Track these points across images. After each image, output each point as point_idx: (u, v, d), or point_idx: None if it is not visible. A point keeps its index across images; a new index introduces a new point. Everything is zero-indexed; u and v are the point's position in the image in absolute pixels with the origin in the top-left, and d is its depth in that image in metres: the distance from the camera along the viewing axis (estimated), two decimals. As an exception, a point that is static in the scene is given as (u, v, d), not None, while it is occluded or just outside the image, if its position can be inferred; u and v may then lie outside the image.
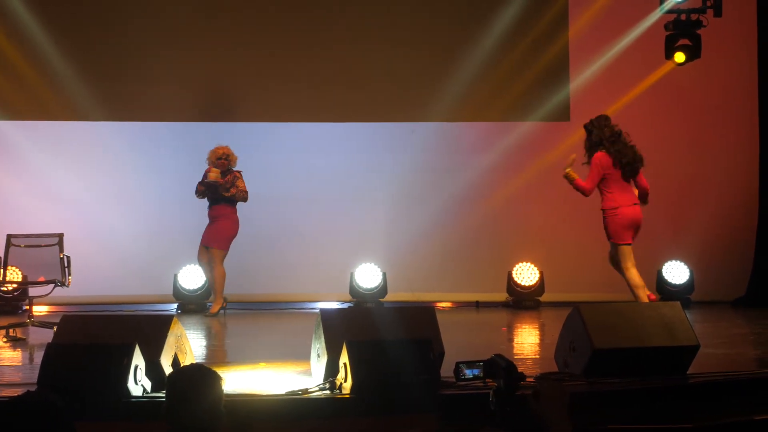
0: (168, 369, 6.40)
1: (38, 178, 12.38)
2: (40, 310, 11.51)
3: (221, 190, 11.29)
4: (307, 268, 12.56)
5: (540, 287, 12.58)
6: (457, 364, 5.21)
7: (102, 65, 12.47)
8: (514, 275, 12.61)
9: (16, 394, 5.96)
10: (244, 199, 11.39)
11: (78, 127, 12.50)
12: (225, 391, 4.23)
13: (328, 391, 6.26)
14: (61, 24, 12.42)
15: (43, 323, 9.64)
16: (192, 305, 12.17)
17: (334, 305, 12.09)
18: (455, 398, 6.08)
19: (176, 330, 6.74)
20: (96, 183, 12.48)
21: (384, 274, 12.48)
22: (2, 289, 11.71)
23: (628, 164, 9.51)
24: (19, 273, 10.31)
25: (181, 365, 6.49)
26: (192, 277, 12.25)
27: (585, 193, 9.60)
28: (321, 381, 6.46)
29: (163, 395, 4.22)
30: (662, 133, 12.86)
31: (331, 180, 12.76)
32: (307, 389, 6.31)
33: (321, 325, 6.75)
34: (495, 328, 10.84)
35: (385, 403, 5.98)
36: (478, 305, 12.68)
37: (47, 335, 8.81)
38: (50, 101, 12.38)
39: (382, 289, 12.47)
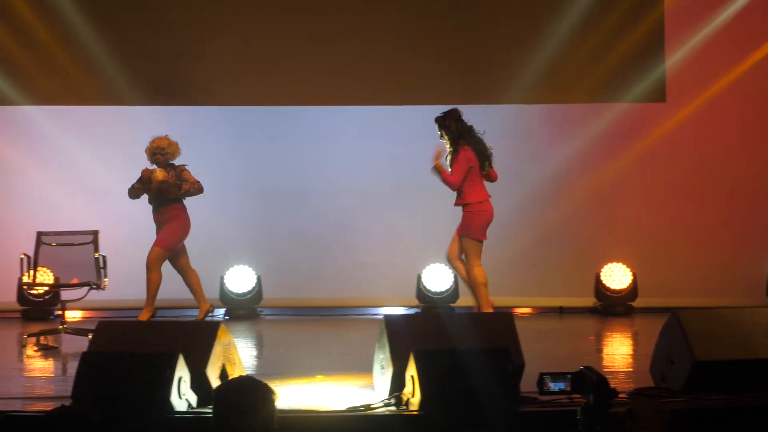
0: (215, 381, 6.45)
1: (70, 169, 12.53)
2: (73, 315, 11.66)
3: (174, 192, 10.75)
4: (369, 269, 12.57)
5: (632, 291, 12.49)
6: (541, 375, 5.19)
7: (139, 45, 12.60)
8: (602, 277, 12.53)
9: (48, 409, 6.06)
10: (200, 191, 10.86)
11: (114, 111, 12.62)
12: (278, 407, 4.24)
13: (393, 407, 6.27)
14: (94, 4, 12.55)
15: (77, 330, 9.75)
16: (241, 310, 12.24)
17: (399, 311, 12.10)
18: (537, 415, 6.07)
19: (224, 338, 6.78)
20: (134, 174, 12.58)
21: (454, 276, 12.45)
22: (32, 292, 11.88)
23: (489, 157, 10.17)
24: (51, 274, 10.44)
25: (230, 377, 6.54)
26: (241, 279, 12.32)
27: (453, 187, 10.04)
28: (386, 396, 6.47)
29: (210, 410, 4.25)
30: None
31: (392, 171, 12.75)
32: (369, 405, 6.32)
33: (385, 333, 6.75)
34: (581, 337, 10.78)
35: (457, 420, 5.97)
36: (561, 311, 12.62)
37: (82, 343, 8.93)
38: (82, 84, 12.52)
39: (453, 293, 12.46)
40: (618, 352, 10.05)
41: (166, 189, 10.71)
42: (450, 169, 10.05)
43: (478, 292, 10.05)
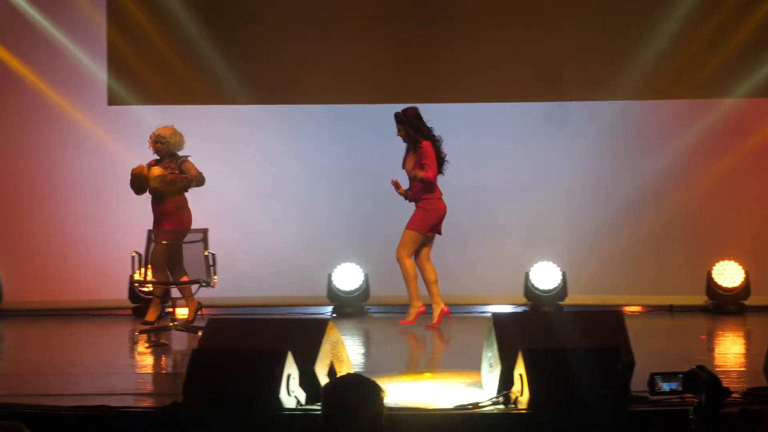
0: (323, 379, 6.48)
1: (180, 168, 12.68)
2: (183, 312, 11.81)
3: (176, 187, 10.51)
4: (476, 267, 12.54)
5: (745, 289, 12.29)
6: (652, 375, 5.13)
7: (248, 45, 12.71)
8: (714, 275, 12.34)
9: (160, 405, 6.14)
10: (201, 183, 10.63)
11: (223, 111, 12.76)
12: (386, 405, 4.24)
13: (501, 406, 6.24)
14: (203, 6, 12.70)
15: (187, 327, 9.87)
16: (349, 308, 12.29)
17: (507, 309, 12.05)
18: (647, 415, 6.00)
19: (332, 335, 6.81)
20: (242, 172, 12.71)
21: (563, 274, 12.37)
22: (143, 290, 12.06)
23: (443, 160, 10.66)
24: (161, 272, 10.57)
25: (338, 375, 6.56)
26: (348, 276, 12.37)
27: (432, 180, 10.52)
28: (494, 394, 6.44)
29: (319, 408, 4.26)
30: None
31: (498, 167, 12.70)
32: (477, 403, 6.30)
33: (493, 331, 6.73)
34: (692, 336, 10.65)
35: (566, 419, 5.93)
36: (672, 309, 12.45)
37: (191, 340, 9.05)
38: (192, 84, 12.68)
39: (561, 291, 12.37)
40: (730, 351, 9.90)
41: (163, 189, 10.46)
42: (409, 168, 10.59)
43: (411, 284, 10.56)
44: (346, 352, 7.06)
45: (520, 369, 6.15)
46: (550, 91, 12.66)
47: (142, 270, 10.15)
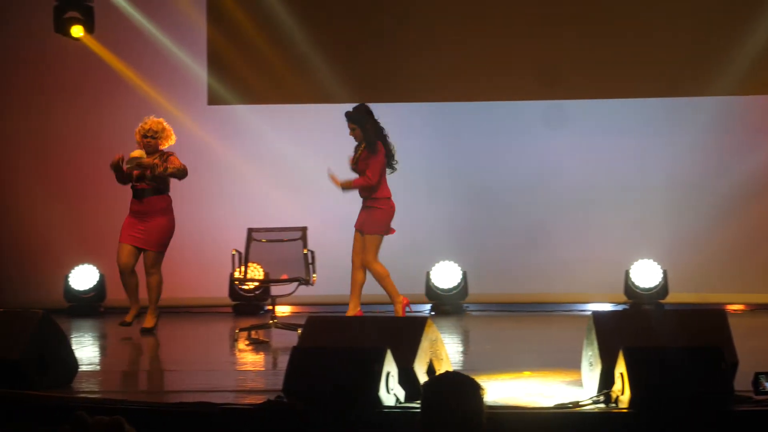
0: (422, 377, 6.48)
1: (280, 166, 12.78)
2: (282, 310, 11.89)
3: (153, 171, 10.14)
4: (576, 265, 12.46)
5: None
6: (757, 375, 5.06)
7: (347, 44, 12.77)
8: (821, 273, 12.13)
9: (260, 401, 6.19)
10: (183, 176, 10.27)
11: (322, 109, 12.82)
12: (486, 403, 4.23)
13: (602, 405, 6.19)
14: (303, 6, 12.78)
15: (286, 325, 9.93)
16: (447, 306, 12.28)
17: (607, 307, 11.96)
18: (751, 415, 5.91)
19: (431, 333, 6.80)
20: (341, 170, 12.74)
21: (664, 272, 12.24)
22: (243, 287, 12.18)
23: (394, 157, 10.46)
24: (261, 270, 10.67)
25: (437, 373, 6.56)
26: (446, 275, 12.36)
27: (371, 185, 10.31)
28: (594, 393, 6.39)
29: (418, 406, 4.26)
30: None
31: (599, 166, 12.60)
32: (578, 402, 6.26)
33: (594, 330, 6.68)
34: (798, 335, 10.47)
35: (668, 418, 5.87)
36: (777, 307, 12.26)
37: (291, 338, 9.11)
38: (292, 83, 12.77)
39: (662, 289, 12.24)
40: (837, 350, 9.70)
41: (142, 170, 10.14)
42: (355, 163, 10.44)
43: (386, 284, 10.46)
44: (445, 350, 7.05)
45: (621, 368, 6.09)
46: (653, 88, 12.52)
47: (242, 268, 10.23)
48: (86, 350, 9.84)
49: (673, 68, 12.54)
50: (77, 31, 12.01)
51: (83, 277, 12.63)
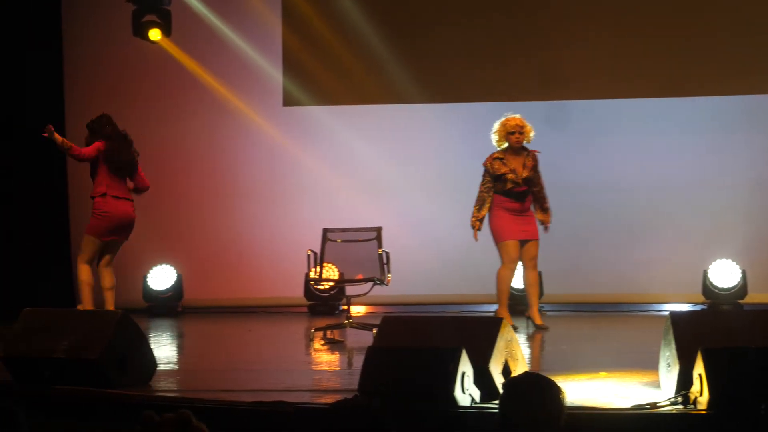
0: (498, 377, 6.45)
1: (355, 167, 12.79)
2: (357, 310, 11.90)
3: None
4: (653, 265, 12.33)
5: None
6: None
7: (419, 45, 12.74)
8: None
9: (335, 400, 6.19)
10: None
11: (397, 110, 12.82)
12: (566, 404, 4.19)
13: (680, 406, 6.12)
14: (377, 7, 12.78)
15: (362, 325, 9.92)
16: (521, 306, 12.19)
17: (684, 307, 11.83)
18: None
19: (506, 333, 6.77)
20: (415, 171, 12.75)
21: (743, 272, 12.08)
22: (318, 287, 12.21)
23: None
24: (336, 270, 10.68)
25: (512, 373, 6.52)
26: (517, 274, 12.27)
27: (80, 158, 10.31)
28: (672, 394, 6.33)
29: (495, 407, 4.23)
30: None
31: (675, 164, 12.48)
32: (656, 403, 6.20)
33: (671, 330, 6.61)
34: None
35: (749, 421, 5.77)
36: None
37: (366, 338, 9.11)
38: (366, 84, 12.77)
39: (741, 289, 12.09)
40: None
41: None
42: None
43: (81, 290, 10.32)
44: (521, 350, 7.02)
45: (699, 369, 6.01)
46: (731, 86, 12.37)
47: (317, 268, 10.26)
48: (164, 349, 9.92)
49: (747, 66, 12.38)
50: (155, 34, 12.11)
51: (161, 278, 12.73)
